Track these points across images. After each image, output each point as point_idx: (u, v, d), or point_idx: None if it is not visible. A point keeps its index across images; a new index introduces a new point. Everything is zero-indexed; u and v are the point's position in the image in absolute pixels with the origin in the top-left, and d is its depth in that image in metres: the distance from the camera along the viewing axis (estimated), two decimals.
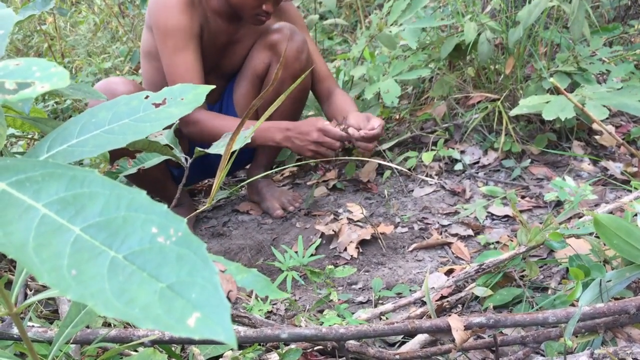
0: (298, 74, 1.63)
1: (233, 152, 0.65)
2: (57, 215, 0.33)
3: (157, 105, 0.48)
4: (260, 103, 0.55)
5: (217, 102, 1.80)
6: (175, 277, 0.31)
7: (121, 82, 1.46)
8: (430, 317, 1.02)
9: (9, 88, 0.33)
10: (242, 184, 1.48)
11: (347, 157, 1.82)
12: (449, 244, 1.42)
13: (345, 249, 1.46)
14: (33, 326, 0.87)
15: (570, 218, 1.34)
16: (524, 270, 1.16)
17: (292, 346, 0.96)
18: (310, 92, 1.79)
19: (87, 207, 0.34)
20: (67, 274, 0.31)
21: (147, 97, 0.49)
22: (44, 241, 0.32)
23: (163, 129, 0.48)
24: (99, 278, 0.31)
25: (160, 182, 1.70)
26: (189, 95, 0.49)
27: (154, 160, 1.08)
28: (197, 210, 0.80)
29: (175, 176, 1.76)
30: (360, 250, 1.46)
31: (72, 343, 0.82)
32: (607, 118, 1.51)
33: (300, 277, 1.27)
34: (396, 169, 1.72)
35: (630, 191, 1.38)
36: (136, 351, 0.88)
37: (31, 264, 0.31)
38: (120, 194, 0.34)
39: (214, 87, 0.52)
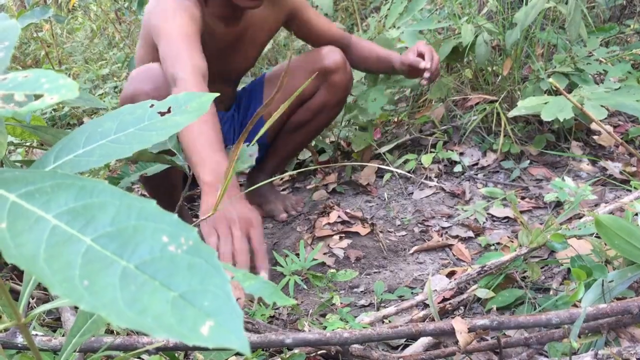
0: (342, 101, 1.67)
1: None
2: (68, 225, 0.33)
3: (162, 114, 0.48)
4: (266, 110, 0.55)
5: (231, 109, 1.75)
6: (187, 286, 0.31)
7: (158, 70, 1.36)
8: (433, 320, 1.02)
9: (18, 100, 0.33)
10: (245, 191, 1.48)
11: (345, 162, 1.82)
12: (450, 246, 1.42)
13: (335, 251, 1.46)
14: (37, 335, 0.87)
15: (570, 218, 1.34)
16: (525, 272, 1.16)
17: (296, 351, 0.96)
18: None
19: (97, 217, 0.34)
20: (79, 285, 0.31)
21: (152, 105, 0.49)
22: (55, 252, 0.32)
23: None
24: (111, 288, 0.31)
25: (176, 188, 1.58)
26: (193, 104, 0.49)
27: (156, 166, 1.08)
28: (197, 221, 0.80)
29: None
30: (362, 253, 1.46)
31: (76, 351, 0.82)
32: (605, 118, 1.52)
33: (302, 281, 1.27)
34: (395, 172, 1.72)
35: (630, 191, 1.39)
36: (141, 359, 0.88)
37: (43, 275, 0.31)
38: (130, 203, 0.35)
39: (218, 94, 0.52)
